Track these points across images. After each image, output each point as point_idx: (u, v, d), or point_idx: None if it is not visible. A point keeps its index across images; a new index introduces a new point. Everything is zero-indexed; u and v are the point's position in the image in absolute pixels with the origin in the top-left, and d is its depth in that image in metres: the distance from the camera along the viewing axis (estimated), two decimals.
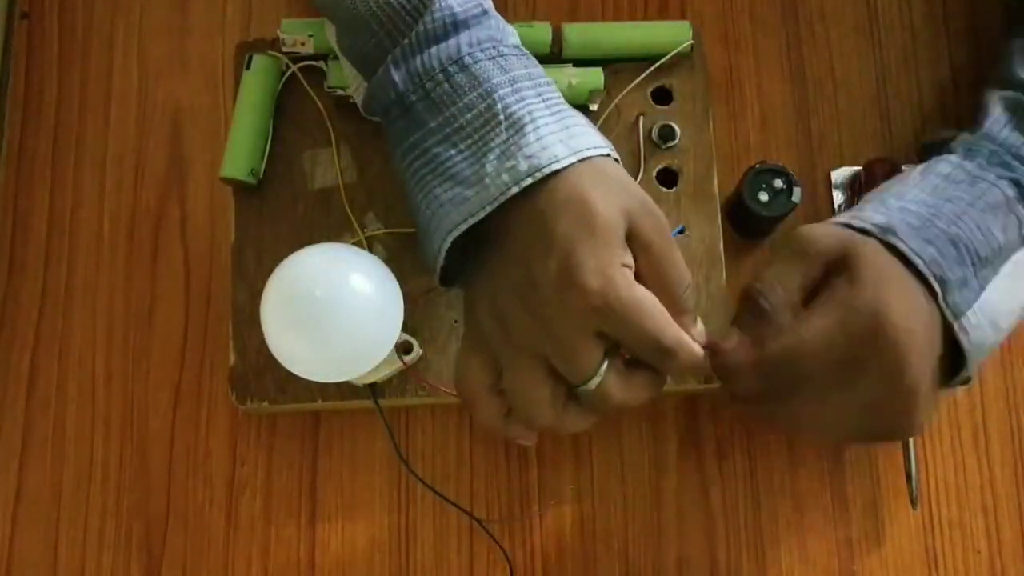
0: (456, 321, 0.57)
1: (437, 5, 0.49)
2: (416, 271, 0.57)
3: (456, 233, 0.47)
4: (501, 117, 0.47)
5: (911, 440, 0.58)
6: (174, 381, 0.60)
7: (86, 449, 0.59)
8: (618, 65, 0.60)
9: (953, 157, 0.54)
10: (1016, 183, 0.52)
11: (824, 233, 0.50)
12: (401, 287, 0.53)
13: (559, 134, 0.47)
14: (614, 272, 0.44)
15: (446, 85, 0.49)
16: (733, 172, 0.62)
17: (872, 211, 0.51)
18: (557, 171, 0.46)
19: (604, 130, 0.59)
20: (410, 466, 0.58)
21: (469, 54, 0.49)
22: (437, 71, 0.49)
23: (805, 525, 0.59)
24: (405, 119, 0.50)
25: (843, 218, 0.51)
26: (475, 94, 0.48)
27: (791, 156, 0.64)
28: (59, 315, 0.60)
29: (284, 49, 0.59)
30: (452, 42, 0.49)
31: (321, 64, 0.58)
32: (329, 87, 0.58)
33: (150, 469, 0.59)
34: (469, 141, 0.48)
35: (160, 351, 0.60)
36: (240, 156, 0.57)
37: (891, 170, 0.62)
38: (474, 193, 0.47)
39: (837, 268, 0.49)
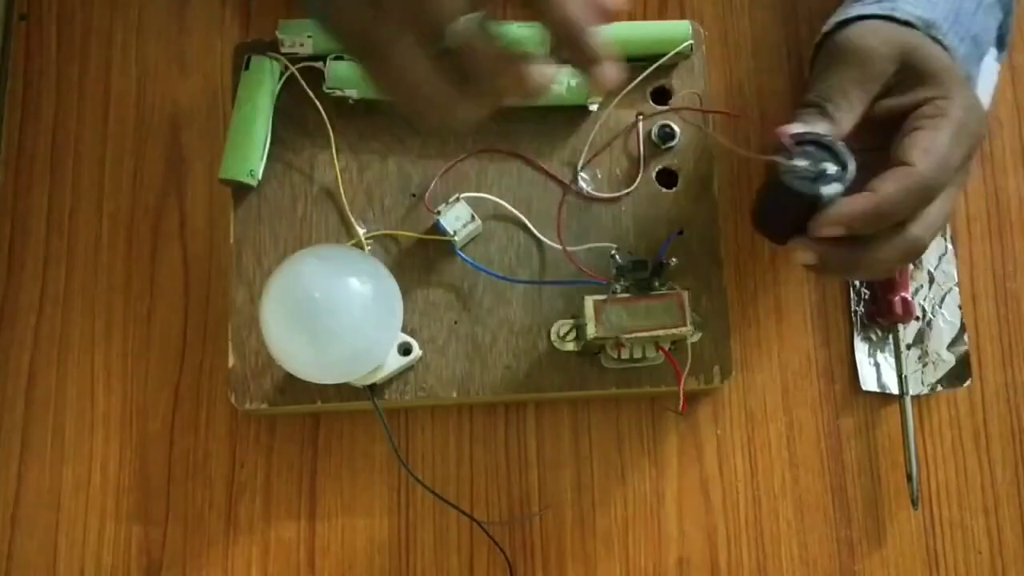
0: (456, 322, 0.57)
1: None
2: (416, 271, 0.57)
3: None
4: None
5: (912, 441, 0.58)
6: (173, 383, 0.60)
7: (85, 450, 0.59)
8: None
9: None
10: None
11: (881, 42, 0.50)
12: (400, 288, 0.53)
13: None
14: None
15: None
16: (732, 173, 0.62)
17: (904, 2, 0.52)
18: None
19: (604, 131, 0.60)
20: (409, 468, 0.58)
21: None
22: None
23: (805, 525, 0.59)
24: None
25: (878, 9, 0.52)
26: None
27: None
28: (58, 316, 0.60)
29: (283, 50, 0.59)
30: None
31: (320, 65, 0.58)
32: (328, 88, 0.58)
33: (149, 471, 0.59)
34: None
35: (159, 353, 0.60)
36: (239, 157, 0.57)
37: None
38: None
39: (907, 75, 0.50)
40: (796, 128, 0.49)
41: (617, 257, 0.55)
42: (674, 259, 0.54)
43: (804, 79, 0.61)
